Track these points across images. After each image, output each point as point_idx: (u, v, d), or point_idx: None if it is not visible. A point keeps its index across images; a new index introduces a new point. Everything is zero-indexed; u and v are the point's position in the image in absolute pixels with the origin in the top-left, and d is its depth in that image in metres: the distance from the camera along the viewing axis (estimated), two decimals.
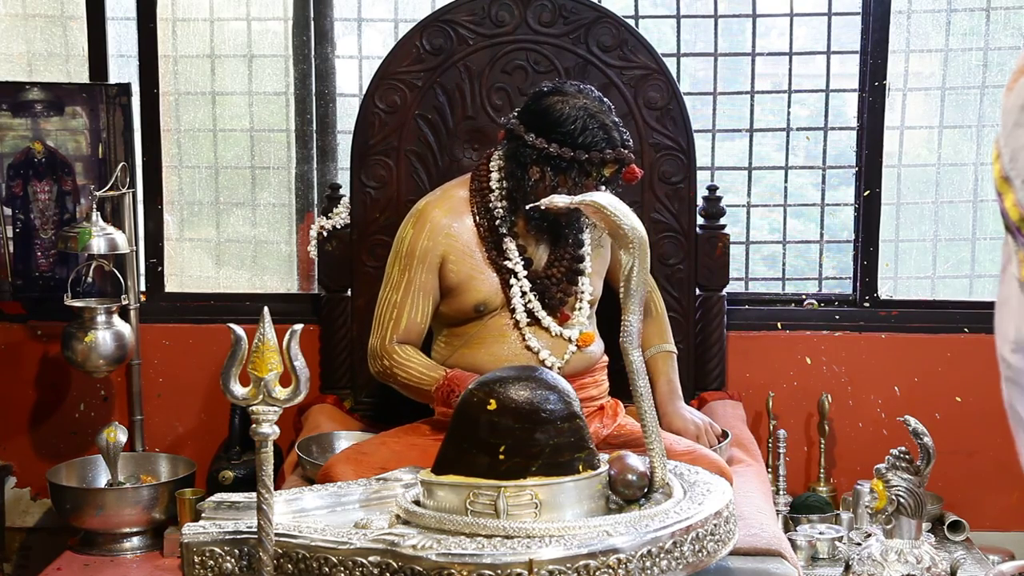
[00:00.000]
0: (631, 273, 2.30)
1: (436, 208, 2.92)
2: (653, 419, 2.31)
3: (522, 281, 2.89)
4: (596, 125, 2.77)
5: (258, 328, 2.04)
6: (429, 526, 2.14)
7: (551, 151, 2.77)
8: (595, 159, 2.76)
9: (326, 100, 3.75)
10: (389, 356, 2.89)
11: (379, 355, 2.91)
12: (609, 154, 2.77)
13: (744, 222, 3.73)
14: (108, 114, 3.60)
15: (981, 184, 3.72)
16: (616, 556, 2.02)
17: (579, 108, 2.78)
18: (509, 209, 2.88)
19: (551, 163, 2.78)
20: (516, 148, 2.83)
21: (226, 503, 2.31)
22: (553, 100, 2.81)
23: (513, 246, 2.89)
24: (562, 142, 2.77)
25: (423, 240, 2.89)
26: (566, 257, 2.93)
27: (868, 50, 3.59)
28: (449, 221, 2.90)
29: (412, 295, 2.89)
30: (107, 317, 3.40)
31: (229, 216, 3.83)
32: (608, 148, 2.77)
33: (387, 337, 2.90)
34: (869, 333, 3.64)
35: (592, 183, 2.80)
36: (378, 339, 2.92)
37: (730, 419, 3.23)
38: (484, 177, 2.93)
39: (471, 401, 2.21)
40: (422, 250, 2.88)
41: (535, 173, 2.82)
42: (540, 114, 2.81)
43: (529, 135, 2.80)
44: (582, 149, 2.76)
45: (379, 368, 2.93)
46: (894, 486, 2.60)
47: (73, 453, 3.61)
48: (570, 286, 2.93)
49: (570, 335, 2.92)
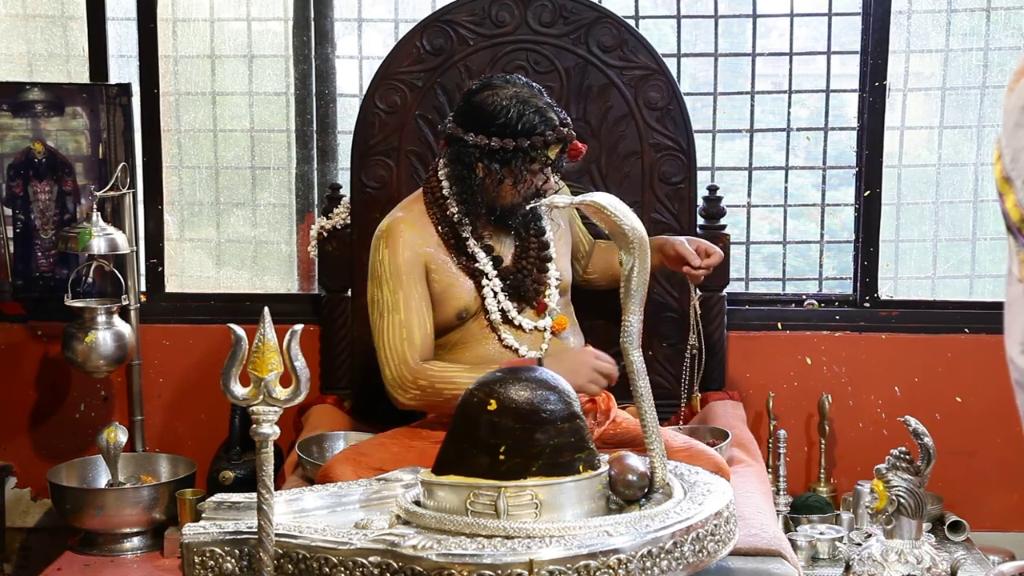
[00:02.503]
0: (631, 273, 2.30)
1: (401, 224, 2.89)
2: (653, 419, 2.31)
3: (493, 281, 2.90)
4: (531, 110, 2.78)
5: (258, 328, 2.04)
6: (429, 526, 2.14)
7: (492, 145, 2.78)
8: (537, 143, 2.77)
9: (326, 100, 3.75)
10: (424, 376, 2.80)
11: (408, 382, 2.81)
12: (550, 135, 2.78)
13: (744, 222, 3.74)
14: (108, 114, 3.60)
15: (981, 184, 3.71)
16: (616, 556, 2.02)
17: (510, 97, 2.79)
18: (464, 212, 2.87)
19: (495, 157, 2.79)
20: (458, 150, 2.83)
21: (226, 503, 2.31)
22: (484, 95, 2.82)
23: (479, 248, 2.90)
24: (501, 134, 2.78)
25: (403, 253, 2.86)
26: (532, 247, 2.95)
27: (868, 50, 3.59)
28: (416, 235, 2.88)
29: (415, 309, 2.85)
30: (107, 317, 3.40)
31: (229, 216, 3.83)
32: (547, 130, 2.78)
33: (408, 360, 2.82)
34: (869, 333, 3.64)
35: (538, 168, 2.81)
36: (397, 367, 2.82)
37: (730, 419, 3.23)
38: (436, 188, 2.92)
39: (471, 401, 2.21)
40: (407, 263, 2.85)
41: (481, 170, 2.82)
42: (474, 112, 2.82)
43: (468, 135, 2.81)
44: (522, 136, 2.77)
45: (414, 394, 2.81)
46: (894, 486, 2.60)
47: (73, 453, 3.61)
48: (542, 275, 2.95)
49: (544, 325, 2.93)
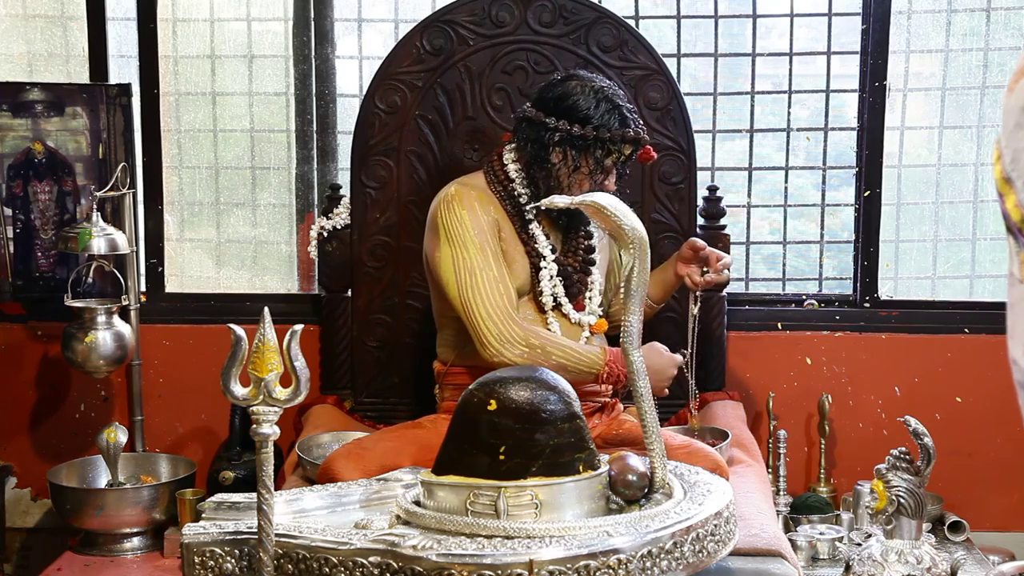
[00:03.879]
0: (631, 273, 2.30)
1: (471, 189, 2.91)
2: (653, 419, 2.31)
3: (550, 265, 2.92)
4: (614, 106, 2.85)
5: (258, 328, 2.04)
6: (429, 526, 2.14)
7: (574, 131, 2.82)
8: (616, 136, 2.83)
9: (326, 100, 3.75)
10: (536, 336, 2.80)
11: (519, 338, 2.77)
12: (629, 133, 2.84)
13: (744, 222, 3.74)
14: (108, 114, 3.60)
15: (981, 184, 3.71)
16: (616, 556, 2.02)
17: (597, 91, 2.86)
18: (532, 196, 2.91)
19: (575, 143, 2.83)
20: (536, 134, 2.86)
21: (226, 503, 2.31)
22: (571, 85, 2.87)
23: (539, 231, 2.94)
24: (584, 122, 2.83)
25: (480, 214, 2.87)
26: (581, 248, 2.99)
27: (868, 50, 3.59)
28: (487, 200, 2.92)
29: (504, 267, 2.86)
30: (107, 317, 3.40)
31: (229, 216, 3.83)
32: (627, 128, 2.85)
33: (511, 314, 2.80)
34: (869, 333, 3.64)
35: (611, 163, 2.86)
36: (504, 321, 2.79)
37: (730, 419, 3.24)
38: (499, 170, 2.95)
39: (471, 401, 2.21)
40: (486, 224, 2.87)
41: (557, 156, 2.86)
42: (557, 99, 2.86)
43: (550, 119, 2.85)
44: (603, 127, 2.82)
45: (522, 351, 2.77)
46: (894, 486, 2.60)
47: (73, 453, 3.61)
48: (585, 276, 2.99)
49: (587, 322, 2.95)
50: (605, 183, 2.88)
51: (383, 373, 3.46)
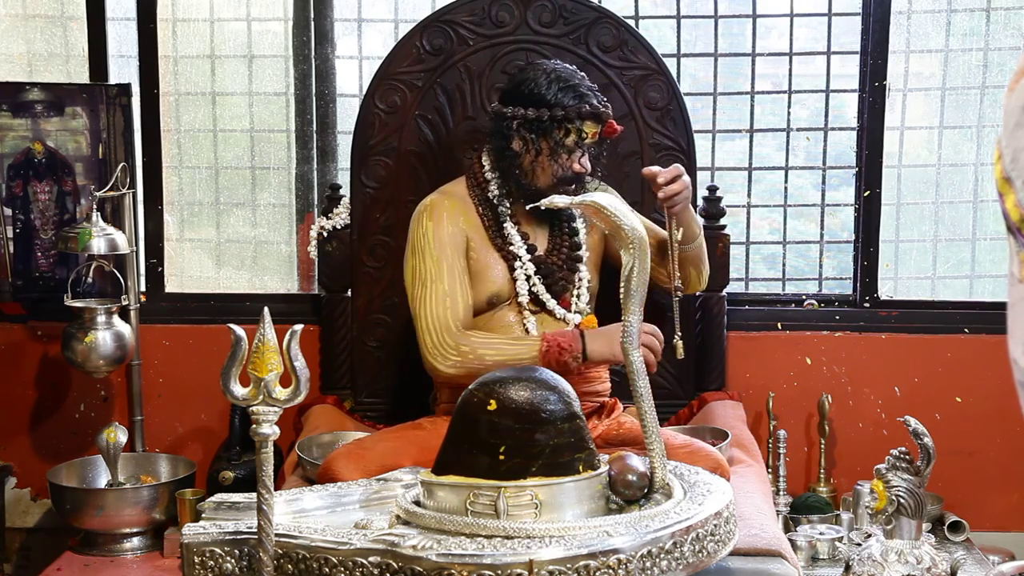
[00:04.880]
0: (631, 273, 2.30)
1: (445, 200, 2.96)
2: (653, 419, 2.31)
3: (526, 265, 2.93)
4: (567, 84, 2.85)
5: (258, 328, 2.04)
6: (429, 526, 2.14)
7: (528, 115, 2.84)
8: (570, 113, 2.83)
9: (326, 100, 3.75)
10: (466, 341, 2.81)
11: (450, 348, 2.80)
12: (585, 108, 2.83)
13: (744, 222, 3.73)
14: (108, 114, 3.60)
15: (981, 184, 3.71)
16: (616, 556, 2.02)
17: (548, 72, 2.88)
18: (504, 193, 2.93)
19: (531, 128, 2.85)
20: (499, 126, 2.90)
21: (226, 503, 2.31)
22: (525, 72, 2.92)
23: (515, 232, 2.94)
24: (538, 104, 2.84)
25: (446, 226, 2.90)
26: (565, 245, 2.99)
27: (868, 50, 3.59)
28: (458, 211, 2.94)
29: (458, 279, 2.88)
30: (107, 317, 3.40)
31: (229, 216, 3.83)
32: (583, 103, 2.83)
33: (451, 326, 2.82)
34: (869, 333, 3.64)
35: (573, 142, 2.85)
36: (439, 334, 2.82)
37: (730, 419, 3.23)
38: (479, 173, 2.98)
39: (471, 401, 2.21)
40: (449, 236, 2.90)
41: (519, 143, 2.88)
42: (515, 89, 2.91)
43: (507, 108, 2.88)
44: (557, 106, 2.83)
45: (454, 361, 2.80)
46: (894, 486, 2.60)
47: (73, 453, 3.61)
48: (571, 273, 2.98)
49: (573, 319, 2.94)
50: (572, 165, 2.87)
51: (383, 373, 3.46)
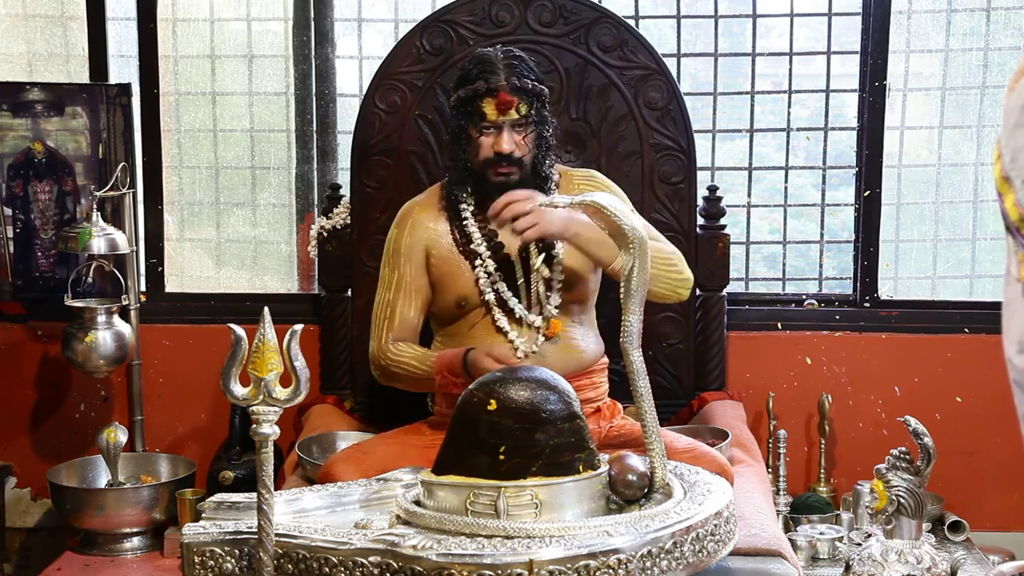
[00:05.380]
0: (631, 273, 2.31)
1: (416, 206, 2.97)
2: (653, 419, 2.31)
3: (487, 263, 2.86)
4: (477, 62, 2.82)
5: (258, 328, 2.04)
6: (429, 526, 2.14)
7: (452, 102, 2.87)
8: (467, 93, 2.80)
9: (326, 100, 3.75)
10: (385, 356, 2.89)
11: (375, 358, 2.92)
12: (481, 86, 2.78)
13: (744, 222, 3.73)
14: (108, 114, 3.60)
15: (981, 184, 3.71)
16: (616, 556, 2.02)
17: (474, 56, 2.87)
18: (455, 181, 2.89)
19: (453, 114, 2.87)
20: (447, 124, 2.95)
21: (226, 503, 2.31)
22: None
23: (475, 228, 2.89)
24: (456, 89, 2.86)
25: (406, 237, 2.92)
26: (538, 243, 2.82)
27: (868, 50, 3.59)
28: (428, 218, 2.93)
29: (403, 291, 2.91)
30: (107, 317, 3.40)
31: (229, 216, 3.83)
32: (480, 80, 2.78)
33: (383, 338, 2.91)
34: (869, 333, 3.64)
35: (489, 123, 2.79)
36: (375, 342, 2.93)
37: (730, 419, 3.23)
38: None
39: (471, 401, 2.21)
40: (406, 247, 2.92)
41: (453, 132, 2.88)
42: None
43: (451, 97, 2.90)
44: (467, 86, 2.81)
45: (379, 371, 2.93)
46: (894, 486, 2.60)
47: (73, 453, 3.61)
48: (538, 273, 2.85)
49: (534, 321, 2.84)
50: (499, 144, 2.77)
51: None
